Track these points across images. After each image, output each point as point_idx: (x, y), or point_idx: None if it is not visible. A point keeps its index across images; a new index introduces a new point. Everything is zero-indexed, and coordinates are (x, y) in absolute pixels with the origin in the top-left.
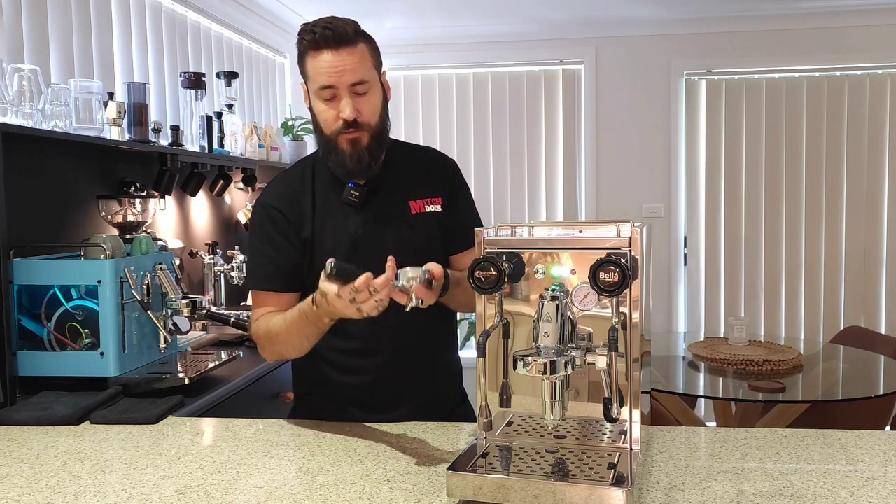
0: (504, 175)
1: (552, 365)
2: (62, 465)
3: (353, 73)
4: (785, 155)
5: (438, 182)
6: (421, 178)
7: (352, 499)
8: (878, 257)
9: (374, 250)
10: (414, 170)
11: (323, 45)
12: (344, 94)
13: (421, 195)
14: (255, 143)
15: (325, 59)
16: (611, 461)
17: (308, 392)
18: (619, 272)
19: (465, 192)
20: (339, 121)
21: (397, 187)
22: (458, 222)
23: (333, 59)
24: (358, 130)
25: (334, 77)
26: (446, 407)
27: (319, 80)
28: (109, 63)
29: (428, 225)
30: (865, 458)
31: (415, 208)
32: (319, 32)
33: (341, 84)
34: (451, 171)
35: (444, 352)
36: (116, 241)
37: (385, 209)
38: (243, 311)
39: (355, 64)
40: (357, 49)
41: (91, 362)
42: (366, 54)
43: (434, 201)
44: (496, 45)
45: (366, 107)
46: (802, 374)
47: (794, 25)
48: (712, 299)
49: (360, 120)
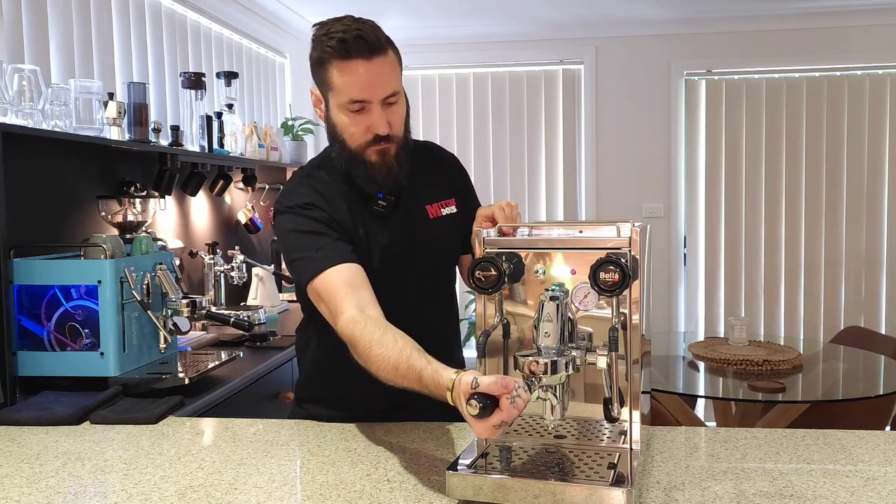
0: (504, 175)
1: (553, 365)
2: (62, 465)
3: (387, 85)
4: (785, 155)
5: (449, 182)
6: (432, 179)
7: (352, 499)
8: (878, 257)
9: (402, 260)
10: (424, 171)
11: (355, 54)
12: (376, 108)
13: (435, 198)
14: (255, 143)
15: (357, 70)
16: (611, 461)
17: (311, 394)
18: (619, 272)
19: (471, 189)
20: (368, 134)
21: (414, 193)
22: (470, 219)
23: (367, 72)
24: (387, 142)
25: (367, 91)
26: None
27: (349, 94)
28: (109, 63)
29: (446, 228)
30: (865, 458)
31: (432, 213)
32: (351, 41)
33: (375, 97)
34: (457, 167)
35: (450, 351)
36: (116, 241)
37: (408, 218)
38: (243, 311)
39: (388, 75)
40: (388, 58)
41: (91, 362)
42: (395, 63)
43: (448, 203)
44: (496, 45)
45: (395, 118)
46: (802, 374)
47: (794, 25)
48: (712, 299)
49: (391, 132)
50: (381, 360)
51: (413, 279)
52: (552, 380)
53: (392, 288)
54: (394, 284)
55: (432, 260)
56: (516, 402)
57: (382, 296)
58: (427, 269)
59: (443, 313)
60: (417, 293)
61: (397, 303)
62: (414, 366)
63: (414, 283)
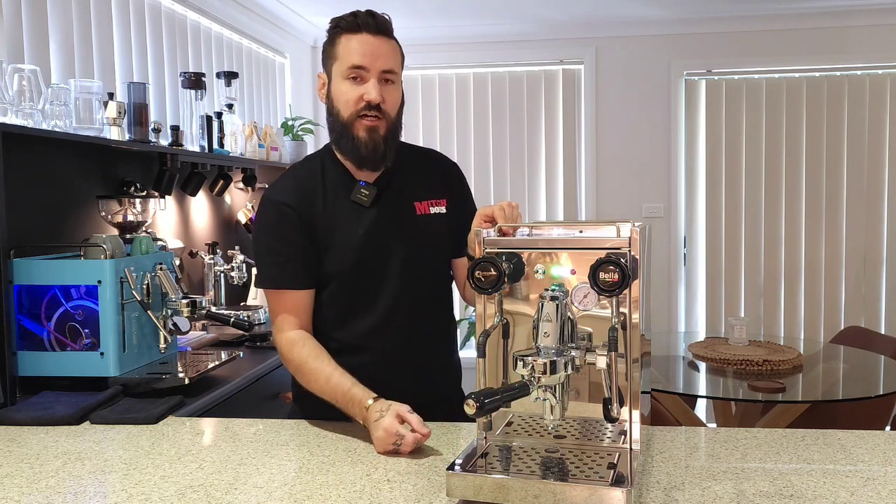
0: (504, 175)
1: (552, 365)
2: (62, 465)
3: (386, 59)
4: (785, 155)
5: (444, 184)
6: (426, 179)
7: (352, 499)
8: (878, 257)
9: (381, 250)
10: (419, 172)
11: (365, 28)
12: (373, 77)
13: (426, 197)
14: (254, 143)
15: (363, 39)
16: (611, 461)
17: (307, 393)
18: (619, 272)
19: (469, 196)
20: (361, 102)
21: (403, 189)
22: (463, 226)
23: (371, 44)
24: (378, 118)
25: (368, 58)
26: (444, 408)
27: (351, 59)
28: (109, 63)
29: (433, 226)
30: (865, 458)
31: (420, 210)
32: (362, 17)
33: (374, 67)
34: (456, 173)
35: (444, 353)
36: (116, 241)
37: (392, 210)
38: (243, 311)
39: (390, 54)
40: (392, 43)
41: (91, 362)
42: (398, 51)
43: (439, 203)
44: (496, 45)
45: (390, 97)
46: (802, 374)
47: (794, 25)
48: (712, 299)
49: (384, 107)
50: (309, 381)
51: (396, 271)
52: (551, 380)
53: (374, 278)
54: (376, 275)
55: (418, 255)
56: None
57: (363, 287)
58: (412, 264)
59: (432, 312)
60: (402, 287)
61: (381, 295)
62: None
63: (398, 276)
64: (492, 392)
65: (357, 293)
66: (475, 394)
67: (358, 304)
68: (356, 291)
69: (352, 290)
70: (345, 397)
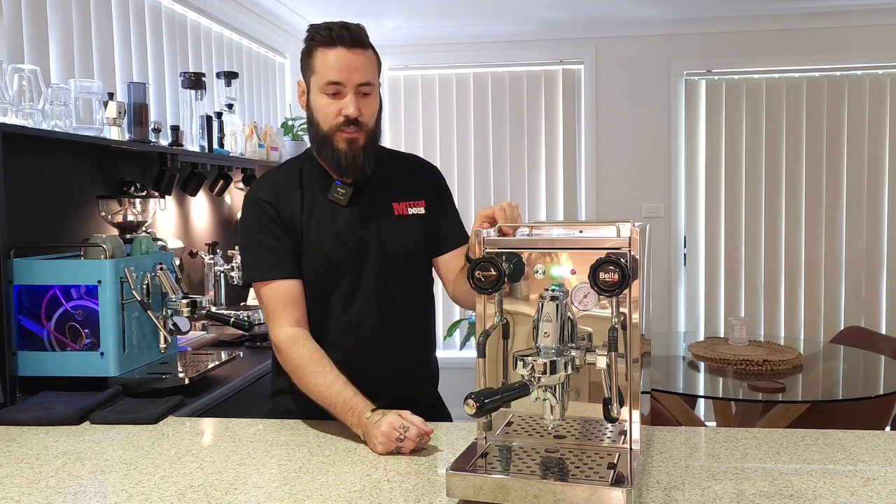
0: (504, 175)
1: (552, 365)
2: (62, 465)
3: (363, 73)
4: (785, 155)
5: (422, 186)
6: (405, 182)
7: (352, 499)
8: (878, 257)
9: (357, 248)
10: (398, 174)
11: (339, 42)
12: (349, 92)
13: (404, 198)
14: (254, 143)
15: (338, 55)
16: (611, 461)
17: (283, 388)
18: (619, 272)
19: (448, 198)
20: (339, 117)
21: (382, 190)
22: (441, 225)
23: (346, 58)
24: (356, 130)
25: (345, 74)
26: (418, 409)
27: (328, 75)
28: (109, 63)
29: (410, 226)
30: (865, 458)
31: (398, 210)
32: (336, 31)
33: (350, 81)
34: (435, 177)
35: (420, 352)
36: (116, 241)
37: (369, 209)
38: (243, 311)
39: (366, 67)
40: (367, 53)
41: (91, 362)
42: (374, 61)
43: (417, 204)
44: (496, 45)
45: (367, 108)
46: (802, 374)
47: (794, 25)
48: (712, 299)
49: (361, 120)
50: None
51: (372, 270)
52: (551, 380)
53: (350, 276)
54: (351, 272)
55: (394, 254)
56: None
57: (339, 284)
58: (388, 263)
59: (408, 311)
60: (377, 286)
61: (356, 292)
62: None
63: (373, 275)
64: (492, 392)
65: (333, 290)
66: (475, 394)
67: (333, 301)
68: (332, 289)
69: (327, 287)
70: (345, 406)
